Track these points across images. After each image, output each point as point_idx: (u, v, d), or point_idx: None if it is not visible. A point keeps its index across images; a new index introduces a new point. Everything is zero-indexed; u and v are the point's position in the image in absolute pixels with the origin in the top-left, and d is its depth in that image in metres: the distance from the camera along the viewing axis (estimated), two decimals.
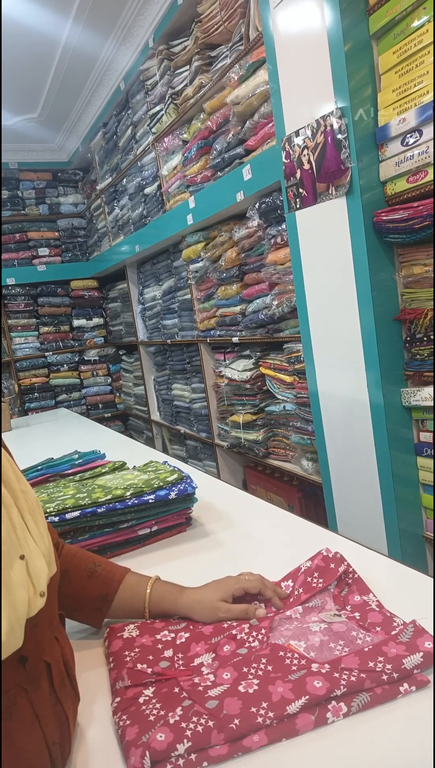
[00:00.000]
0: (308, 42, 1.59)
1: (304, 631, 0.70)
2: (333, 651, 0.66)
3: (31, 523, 0.57)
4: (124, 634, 0.75)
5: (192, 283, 3.00)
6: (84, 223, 4.77)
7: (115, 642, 0.74)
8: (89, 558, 0.82)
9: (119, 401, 4.90)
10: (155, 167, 3.16)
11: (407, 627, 0.67)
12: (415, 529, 1.67)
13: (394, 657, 0.62)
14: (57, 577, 0.63)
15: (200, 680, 0.64)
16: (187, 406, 3.38)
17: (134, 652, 0.71)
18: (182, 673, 0.66)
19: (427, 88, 1.37)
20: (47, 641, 0.57)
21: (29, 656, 0.52)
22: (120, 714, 0.61)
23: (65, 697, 0.58)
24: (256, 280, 2.39)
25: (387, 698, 0.59)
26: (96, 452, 1.57)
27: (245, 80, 2.12)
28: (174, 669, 0.68)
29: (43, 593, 0.54)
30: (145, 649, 0.71)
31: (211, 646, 0.71)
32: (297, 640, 0.69)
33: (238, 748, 0.55)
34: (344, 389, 1.74)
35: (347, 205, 1.57)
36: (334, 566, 0.80)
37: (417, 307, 1.55)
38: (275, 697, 0.58)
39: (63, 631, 0.64)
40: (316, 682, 0.59)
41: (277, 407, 2.36)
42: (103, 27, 2.95)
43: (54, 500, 1.04)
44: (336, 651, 0.66)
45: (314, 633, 0.70)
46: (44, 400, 4.60)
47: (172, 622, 0.78)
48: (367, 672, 0.60)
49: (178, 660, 0.69)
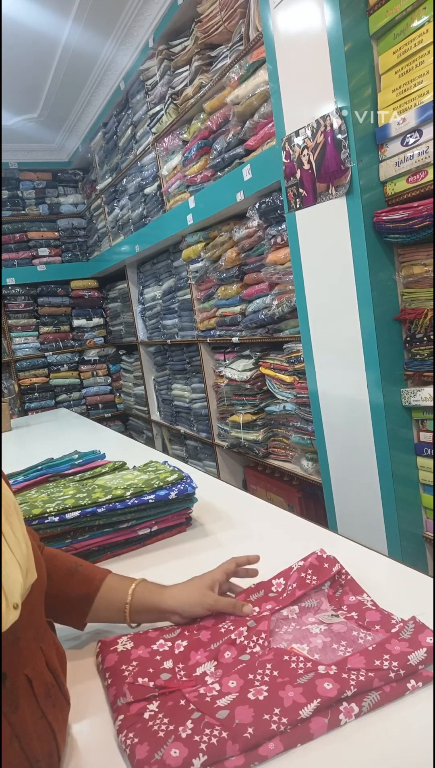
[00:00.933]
0: (308, 42, 1.59)
1: (304, 634, 0.70)
2: (336, 652, 0.66)
3: (6, 528, 0.54)
4: (117, 647, 0.71)
5: (192, 283, 3.00)
6: (84, 223, 4.77)
7: (109, 657, 0.70)
8: (70, 559, 0.79)
9: (119, 401, 4.90)
10: (155, 167, 3.16)
11: (407, 624, 0.66)
12: (415, 529, 1.67)
13: (399, 654, 0.61)
14: (42, 582, 0.60)
15: (206, 690, 0.62)
16: (187, 406, 3.38)
17: (132, 666, 0.67)
18: (186, 684, 0.64)
19: (427, 88, 1.37)
20: (30, 653, 0.54)
21: (8, 672, 0.50)
22: (126, 732, 0.58)
23: (51, 708, 0.55)
24: (256, 280, 2.39)
25: (396, 696, 0.59)
26: (96, 452, 1.57)
27: (245, 80, 2.12)
28: (177, 680, 0.65)
29: (16, 605, 0.51)
30: (144, 662, 0.68)
31: (212, 653, 0.69)
32: (299, 643, 0.68)
33: (254, 758, 0.54)
34: (344, 389, 1.74)
35: (347, 205, 1.57)
36: (328, 566, 0.79)
37: (417, 307, 1.55)
38: (287, 702, 0.57)
39: (51, 639, 0.62)
40: (327, 684, 0.58)
41: (277, 407, 2.36)
42: (103, 27, 2.95)
43: (54, 500, 1.04)
44: (339, 652, 0.66)
45: (315, 635, 0.69)
46: (44, 400, 4.60)
47: (166, 630, 0.75)
48: (374, 671, 0.60)
49: (179, 671, 0.67)
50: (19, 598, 0.52)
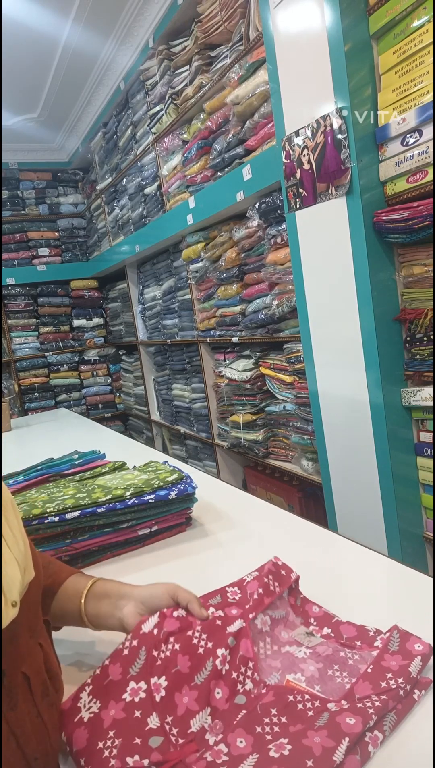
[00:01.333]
0: (308, 42, 1.59)
1: (292, 661, 0.66)
2: (335, 679, 0.63)
3: (4, 526, 0.54)
4: (83, 715, 0.57)
5: (192, 283, 3.00)
6: (84, 223, 4.77)
7: (77, 734, 0.55)
8: (46, 556, 0.79)
9: (119, 401, 4.90)
10: (155, 167, 3.16)
11: (393, 634, 0.65)
12: (415, 529, 1.67)
13: (400, 669, 0.60)
14: (39, 580, 0.59)
15: (213, 756, 0.53)
16: (187, 406, 3.38)
17: (110, 741, 0.53)
18: (186, 750, 0.54)
19: (427, 88, 1.37)
20: (27, 650, 0.54)
21: (6, 670, 0.50)
22: None
23: (47, 707, 0.55)
24: (256, 280, 2.39)
25: (407, 710, 0.58)
26: (96, 452, 1.57)
27: (245, 80, 2.12)
28: (172, 745, 0.54)
29: (15, 603, 0.51)
30: (123, 729, 0.54)
31: (201, 695, 0.58)
32: (293, 674, 0.64)
33: None
34: (344, 389, 1.74)
35: (347, 205, 1.57)
36: (285, 573, 0.74)
37: (417, 307, 1.55)
38: (317, 751, 0.51)
39: (48, 638, 0.62)
40: (349, 720, 0.54)
41: (277, 407, 2.36)
42: (103, 27, 2.95)
43: (54, 500, 1.04)
44: (338, 678, 0.63)
45: (304, 661, 0.66)
46: (44, 400, 4.60)
47: (128, 659, 0.60)
48: (385, 693, 0.57)
49: (170, 729, 0.55)
50: (18, 595, 0.52)
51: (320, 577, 0.84)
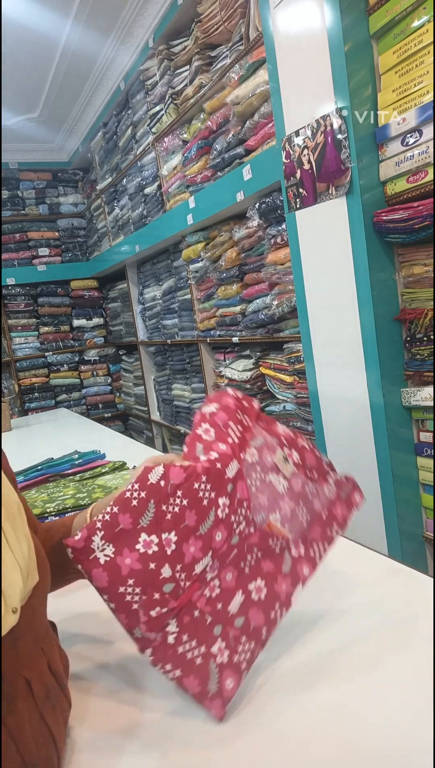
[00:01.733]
0: (308, 42, 1.59)
1: (274, 497, 0.71)
2: (299, 519, 0.73)
3: (8, 529, 0.53)
4: (98, 555, 0.59)
5: (192, 283, 3.00)
6: (84, 223, 4.77)
7: (97, 573, 0.59)
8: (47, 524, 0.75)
9: (119, 401, 4.91)
10: (155, 167, 3.16)
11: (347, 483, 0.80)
12: (415, 529, 1.67)
13: (342, 520, 0.76)
14: (44, 584, 0.58)
15: (209, 591, 0.64)
16: (187, 406, 3.38)
17: (130, 588, 0.59)
18: (191, 590, 0.62)
19: (427, 88, 1.37)
20: (29, 655, 0.54)
21: (6, 675, 0.50)
22: (161, 665, 0.61)
23: (50, 710, 0.55)
24: (256, 280, 2.39)
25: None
26: (96, 452, 1.57)
27: (245, 80, 2.12)
28: (181, 588, 0.61)
29: (15, 609, 0.50)
30: (141, 579, 0.59)
31: (205, 543, 0.63)
32: (274, 513, 0.71)
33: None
34: (344, 389, 1.74)
35: (347, 205, 1.57)
36: (247, 404, 0.76)
37: (417, 307, 1.55)
38: (283, 596, 0.67)
39: (53, 640, 0.61)
40: (305, 570, 0.70)
41: (277, 407, 2.36)
42: (103, 27, 2.95)
43: (54, 500, 1.04)
44: (300, 517, 0.73)
45: (282, 497, 0.72)
46: (44, 400, 4.60)
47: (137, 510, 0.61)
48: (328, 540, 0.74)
49: (179, 575, 0.61)
50: (19, 602, 0.51)
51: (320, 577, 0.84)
